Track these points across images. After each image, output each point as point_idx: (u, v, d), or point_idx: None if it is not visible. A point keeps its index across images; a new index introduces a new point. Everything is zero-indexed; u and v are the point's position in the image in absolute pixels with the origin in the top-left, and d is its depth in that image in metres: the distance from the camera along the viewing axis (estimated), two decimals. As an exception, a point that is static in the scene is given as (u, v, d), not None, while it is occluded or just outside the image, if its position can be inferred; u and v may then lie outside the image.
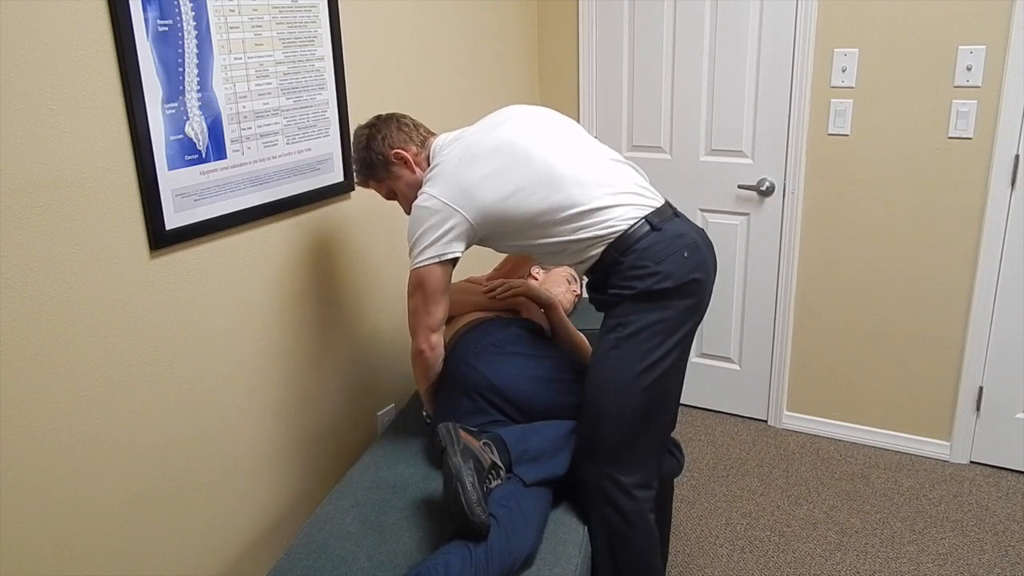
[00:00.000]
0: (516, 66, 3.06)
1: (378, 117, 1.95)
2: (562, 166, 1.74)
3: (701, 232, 1.81)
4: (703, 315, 1.80)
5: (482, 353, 1.89)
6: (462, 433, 1.62)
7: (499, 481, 1.64)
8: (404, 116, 1.96)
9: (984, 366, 2.73)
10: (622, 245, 1.71)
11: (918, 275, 2.75)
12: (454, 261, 1.78)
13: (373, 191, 2.09)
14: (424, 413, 2.08)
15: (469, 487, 1.51)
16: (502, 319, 2.04)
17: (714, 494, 2.70)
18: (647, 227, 1.72)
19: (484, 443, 1.66)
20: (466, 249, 1.80)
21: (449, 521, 1.58)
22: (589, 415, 1.74)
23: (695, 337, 3.14)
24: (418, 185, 1.87)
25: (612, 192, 1.75)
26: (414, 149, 1.91)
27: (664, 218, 1.76)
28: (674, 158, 3.05)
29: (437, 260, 1.75)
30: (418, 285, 1.78)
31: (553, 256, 1.83)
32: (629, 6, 2.97)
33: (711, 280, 1.79)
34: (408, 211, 1.91)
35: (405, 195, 1.93)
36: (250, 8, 1.84)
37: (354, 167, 2.00)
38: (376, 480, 1.84)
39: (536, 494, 1.68)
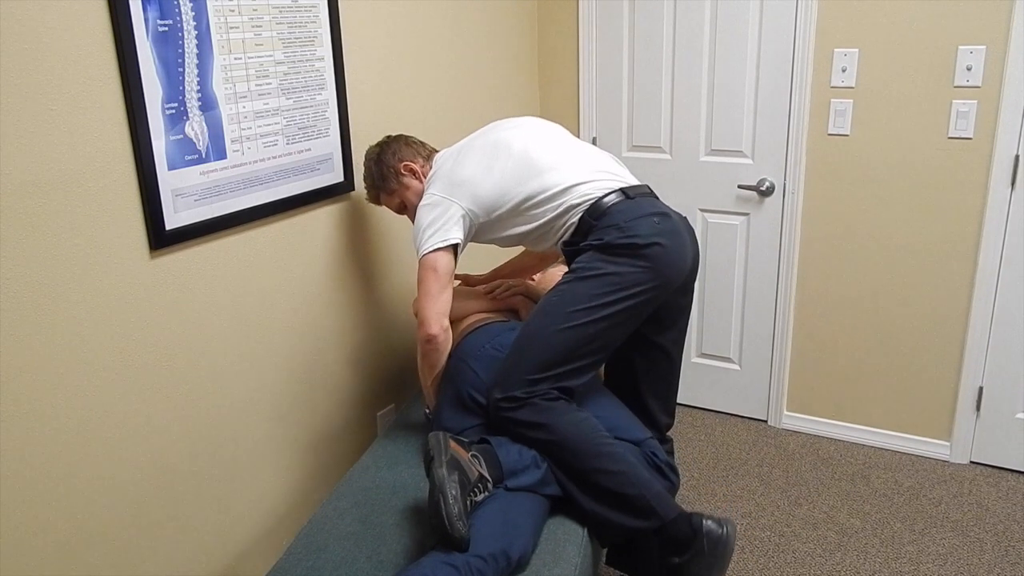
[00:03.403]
0: (516, 66, 3.05)
1: (388, 136, 2.14)
2: (539, 156, 1.92)
3: (682, 218, 1.92)
4: (664, 291, 1.83)
5: (482, 356, 1.89)
6: (452, 444, 1.62)
7: (486, 494, 1.63)
8: (410, 136, 2.16)
9: (984, 366, 2.73)
10: (596, 211, 1.85)
11: (918, 275, 2.75)
12: (455, 248, 1.89)
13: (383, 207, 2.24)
14: (425, 410, 2.08)
15: (451, 500, 1.51)
16: (507, 323, 2.04)
17: (714, 494, 2.70)
18: (621, 195, 1.87)
19: (473, 455, 1.65)
20: (465, 239, 1.92)
21: (430, 532, 1.58)
22: (512, 343, 1.84)
23: (694, 336, 3.18)
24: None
25: (588, 170, 1.92)
26: (421, 162, 2.10)
27: (640, 193, 1.90)
28: (674, 158, 3.05)
29: (442, 244, 1.87)
30: (428, 269, 1.87)
31: (541, 240, 1.97)
32: (629, 6, 2.97)
33: (683, 259, 1.84)
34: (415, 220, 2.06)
35: (414, 204, 2.07)
36: (250, 8, 1.84)
37: (366, 183, 2.16)
38: (376, 481, 1.84)
39: (531, 499, 1.68)
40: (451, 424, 1.87)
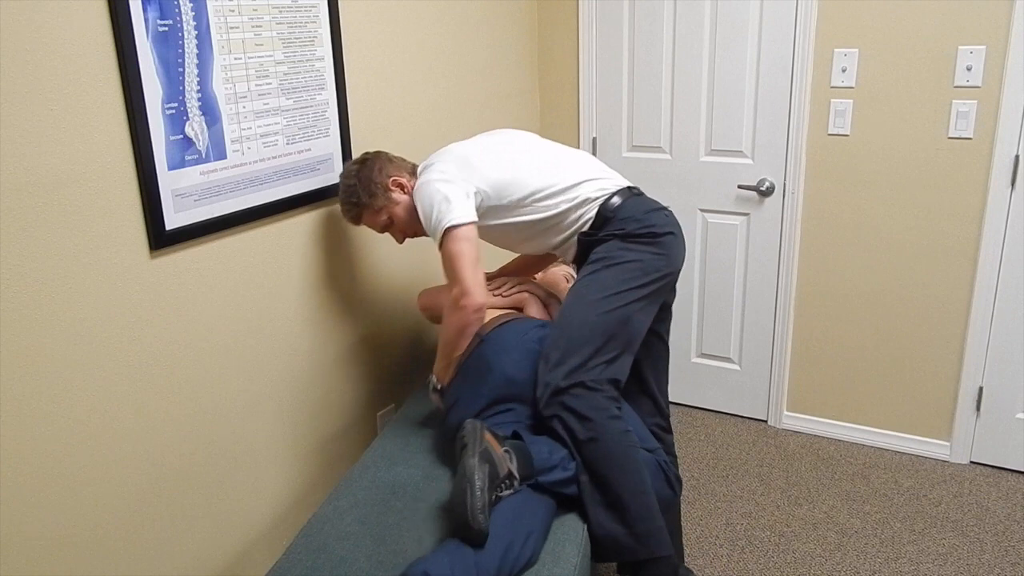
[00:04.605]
0: (516, 66, 3.06)
1: (366, 154, 2.08)
2: (545, 152, 2.01)
3: None
4: (673, 278, 1.97)
5: (521, 348, 1.89)
6: (487, 435, 1.62)
7: (510, 492, 1.63)
8: (390, 153, 2.12)
9: (984, 366, 2.72)
10: (611, 204, 1.96)
11: (918, 275, 2.75)
12: (474, 224, 1.88)
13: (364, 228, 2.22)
14: (433, 380, 2.02)
15: (478, 492, 1.51)
16: (528, 320, 2.05)
17: (714, 494, 2.70)
18: (628, 193, 1.99)
19: (506, 450, 1.64)
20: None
21: (448, 520, 1.57)
22: (554, 329, 1.87)
23: (694, 336, 3.18)
24: (414, 208, 2.00)
25: (593, 169, 2.02)
26: (407, 176, 2.06)
27: (641, 192, 2.04)
28: (674, 158, 3.05)
29: (467, 219, 1.86)
30: (461, 240, 1.84)
31: (548, 232, 2.00)
32: (629, 6, 2.97)
33: (684, 250, 2.02)
34: (400, 240, 2.10)
35: (402, 218, 2.05)
36: (250, 8, 1.84)
37: (348, 202, 2.04)
38: (376, 480, 1.84)
39: (541, 501, 1.68)
40: (472, 411, 1.86)
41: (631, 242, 1.91)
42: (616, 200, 1.96)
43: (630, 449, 1.77)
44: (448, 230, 1.83)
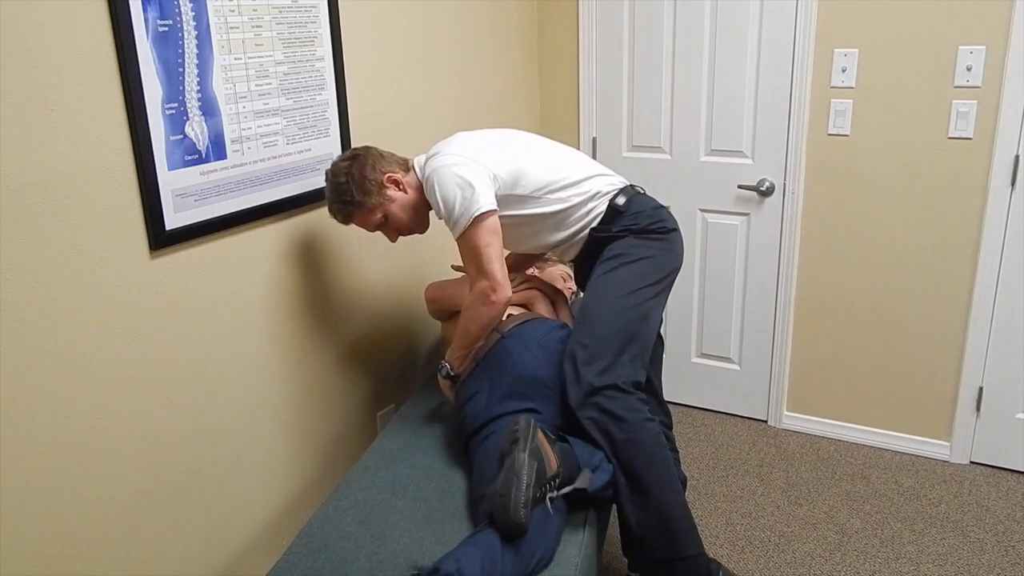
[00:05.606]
0: (516, 66, 3.05)
1: (355, 150, 1.98)
2: (541, 156, 1.99)
3: None
4: (677, 274, 2.02)
5: (545, 346, 1.89)
6: (540, 435, 1.61)
7: (552, 494, 1.60)
8: (379, 148, 2.01)
9: (984, 366, 2.72)
10: (620, 200, 1.98)
11: (918, 275, 2.75)
12: (498, 213, 1.86)
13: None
14: (446, 366, 1.97)
15: (524, 486, 1.51)
16: (555, 321, 2.05)
17: (714, 494, 2.70)
18: (633, 191, 2.03)
19: (558, 454, 1.63)
20: None
21: (490, 509, 1.55)
22: (578, 328, 1.87)
23: (694, 336, 3.18)
24: (411, 205, 1.97)
25: (594, 166, 2.04)
26: (401, 172, 1.98)
27: (644, 191, 2.07)
28: (674, 158, 3.05)
29: (494, 207, 1.84)
30: (490, 232, 1.82)
31: (557, 226, 1.99)
32: (629, 6, 2.97)
33: (683, 251, 2.07)
34: (394, 238, 2.03)
35: (398, 216, 1.98)
36: (250, 8, 1.84)
37: (340, 200, 1.94)
38: (376, 480, 1.84)
39: (561, 506, 1.67)
40: (492, 406, 1.84)
41: (644, 238, 1.94)
42: (622, 198, 1.98)
43: (663, 450, 1.79)
44: (477, 219, 1.79)
